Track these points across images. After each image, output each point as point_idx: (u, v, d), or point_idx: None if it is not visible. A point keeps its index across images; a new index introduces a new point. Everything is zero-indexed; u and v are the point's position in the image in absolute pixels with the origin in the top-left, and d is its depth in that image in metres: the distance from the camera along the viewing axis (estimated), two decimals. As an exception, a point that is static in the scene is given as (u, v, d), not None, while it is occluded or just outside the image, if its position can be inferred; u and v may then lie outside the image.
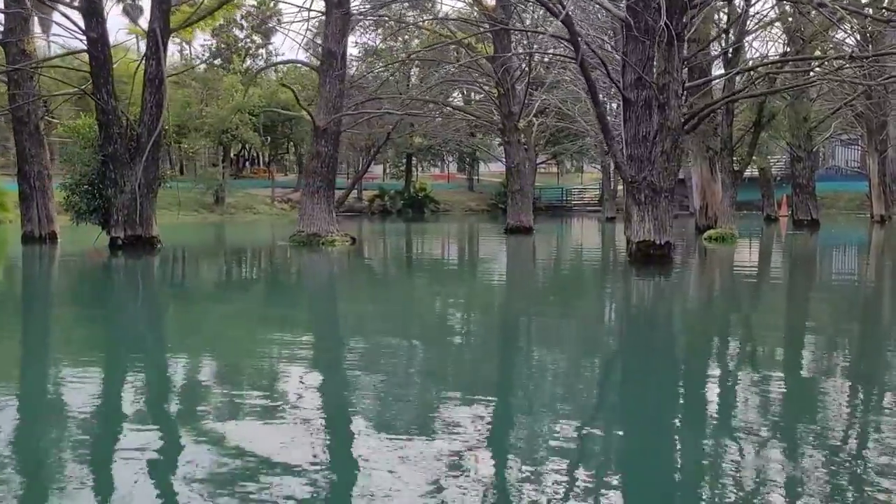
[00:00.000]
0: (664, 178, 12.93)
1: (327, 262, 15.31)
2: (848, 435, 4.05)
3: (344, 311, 9.33)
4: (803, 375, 5.71)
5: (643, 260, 13.09)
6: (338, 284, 12.35)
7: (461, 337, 7.39)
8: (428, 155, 48.58)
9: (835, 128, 32.29)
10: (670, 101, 12.76)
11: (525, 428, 4.13)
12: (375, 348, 6.57)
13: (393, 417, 4.28)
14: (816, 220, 27.27)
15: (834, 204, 48.15)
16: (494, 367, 5.99)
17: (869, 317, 8.90)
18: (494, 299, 10.31)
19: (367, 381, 5.25)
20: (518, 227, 23.40)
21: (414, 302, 9.90)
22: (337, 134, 18.08)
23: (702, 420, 4.43)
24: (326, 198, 17.86)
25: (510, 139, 23.47)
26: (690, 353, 6.88)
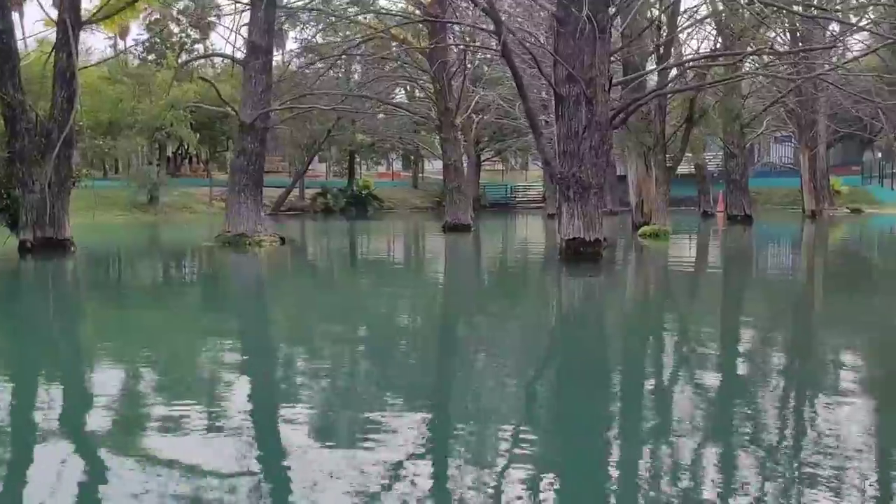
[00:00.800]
0: (593, 174, 12.62)
1: (250, 264, 14.64)
2: (779, 431, 4.07)
3: (253, 315, 8.73)
4: (729, 372, 5.58)
5: (573, 258, 12.77)
6: (255, 287, 11.72)
7: (368, 343, 6.88)
8: (371, 153, 47.82)
9: (767, 125, 32.68)
10: (597, 96, 12.44)
11: (444, 431, 4.00)
12: (275, 355, 6.05)
13: (307, 423, 4.10)
14: (750, 216, 27.49)
15: (769, 199, 49.01)
16: (406, 372, 5.54)
17: (792, 311, 8.69)
18: (412, 301, 9.83)
19: (258, 387, 4.73)
20: (456, 225, 22.96)
21: (327, 306, 9.35)
22: (264, 130, 17.36)
23: (629, 420, 4.36)
24: (253, 196, 17.13)
25: (447, 136, 23.01)
26: (615, 352, 6.61)
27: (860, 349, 6.52)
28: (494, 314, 8.78)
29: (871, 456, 3.61)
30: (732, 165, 27.99)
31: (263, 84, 17.13)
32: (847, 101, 30.68)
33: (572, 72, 12.68)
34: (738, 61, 16.61)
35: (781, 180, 49.12)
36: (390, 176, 56.16)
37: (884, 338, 7.00)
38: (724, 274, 13.51)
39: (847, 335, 7.20)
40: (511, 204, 53.82)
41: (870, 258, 16.85)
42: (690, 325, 8.00)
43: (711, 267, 14.73)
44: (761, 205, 46.18)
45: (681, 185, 46.51)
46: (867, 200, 43.48)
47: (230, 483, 3.24)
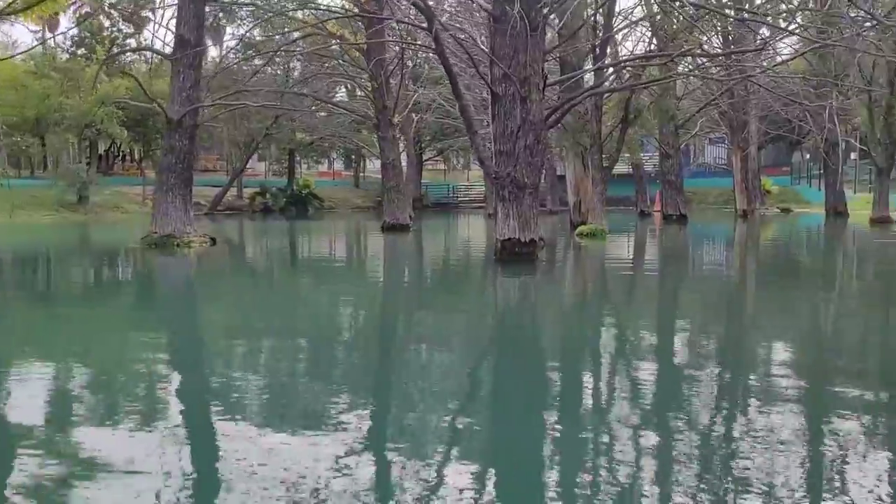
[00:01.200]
0: (528, 173, 12.48)
1: (175, 266, 14.06)
2: (711, 426, 4.08)
3: (170, 320, 8.28)
4: (655, 366, 5.63)
5: (509, 258, 12.61)
6: (178, 291, 11.20)
7: (289, 344, 6.53)
8: (311, 151, 47.03)
9: (701, 126, 33.29)
10: (532, 95, 12.30)
11: (372, 428, 3.95)
12: (188, 361, 5.67)
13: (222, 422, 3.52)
14: (685, 215, 27.93)
15: (704, 199, 50.06)
16: (325, 372, 5.25)
17: (720, 307, 8.68)
18: (337, 303, 9.49)
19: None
20: (395, 225, 22.65)
21: (249, 309, 8.94)
22: (193, 127, 16.73)
23: (552, 414, 4.39)
24: (182, 196, 16.50)
25: (385, 134, 22.67)
26: (541, 350, 6.47)
27: (785, 342, 6.55)
28: (421, 315, 8.53)
29: (796, 453, 3.59)
30: (668, 166, 28.38)
31: (192, 79, 16.52)
32: (776, 103, 31.48)
33: (507, 71, 12.53)
34: (671, 62, 16.74)
35: (715, 180, 50.24)
36: (331, 175, 55.44)
37: (807, 332, 7.06)
38: (656, 272, 13.55)
39: (773, 329, 7.23)
40: (453, 203, 53.72)
41: (796, 256, 17.19)
42: (618, 323, 7.91)
43: (644, 266, 14.77)
44: (696, 204, 47.13)
45: (619, 184, 47.17)
46: (796, 200, 44.79)
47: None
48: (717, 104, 29.89)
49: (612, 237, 19.79)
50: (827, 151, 30.04)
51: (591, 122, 19.19)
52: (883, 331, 7.59)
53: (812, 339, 6.89)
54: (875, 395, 4.71)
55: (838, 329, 7.55)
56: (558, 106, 13.15)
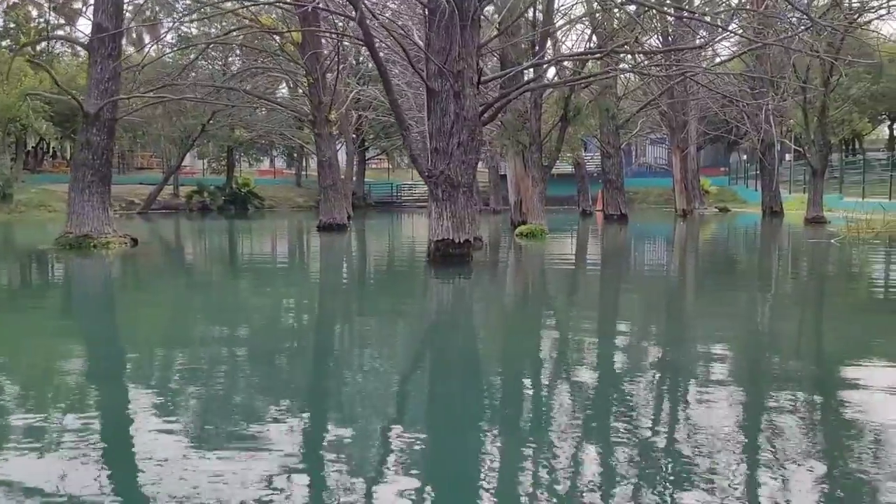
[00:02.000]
0: (462, 171, 11.94)
1: (88, 269, 13.10)
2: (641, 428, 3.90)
3: (76, 327, 7.46)
4: (586, 368, 5.34)
5: (442, 260, 12.05)
6: (87, 296, 10.31)
7: (191, 354, 5.82)
8: (251, 149, 45.69)
9: (641, 126, 33.35)
10: (465, 90, 11.76)
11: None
12: (91, 367, 4.94)
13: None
14: (625, 215, 27.82)
15: (645, 199, 50.51)
16: (226, 381, 4.59)
17: (656, 305, 8.27)
18: (250, 310, 8.78)
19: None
20: (331, 225, 21.90)
21: (159, 314, 8.17)
22: (111, 121, 15.71)
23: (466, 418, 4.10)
24: (100, 194, 15.49)
25: (321, 131, 21.87)
26: (466, 353, 6.03)
27: (723, 343, 6.23)
28: (338, 322, 7.91)
29: (729, 448, 3.51)
30: (609, 165, 28.24)
31: (111, 71, 15.50)
32: (715, 104, 31.74)
33: (440, 65, 11.97)
34: (611, 59, 16.43)
35: (656, 180, 50.76)
36: (273, 174, 54.18)
37: (743, 332, 6.72)
38: (593, 273, 13.17)
39: (710, 330, 6.92)
40: (397, 202, 53.05)
41: (734, 255, 17.07)
42: (548, 326, 7.43)
43: (582, 266, 14.39)
44: (637, 204, 47.48)
45: (562, 184, 47.22)
46: (733, 199, 45.46)
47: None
48: (657, 104, 29.95)
49: (551, 237, 19.42)
50: (763, 152, 30.34)
51: (531, 121, 18.77)
52: (814, 328, 7.28)
53: (749, 340, 6.51)
54: (804, 395, 4.50)
55: (774, 330, 7.19)
56: (493, 101, 12.63)
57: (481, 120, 12.16)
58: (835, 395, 4.55)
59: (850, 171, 36.12)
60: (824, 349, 6.39)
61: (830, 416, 4.13)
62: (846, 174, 35.59)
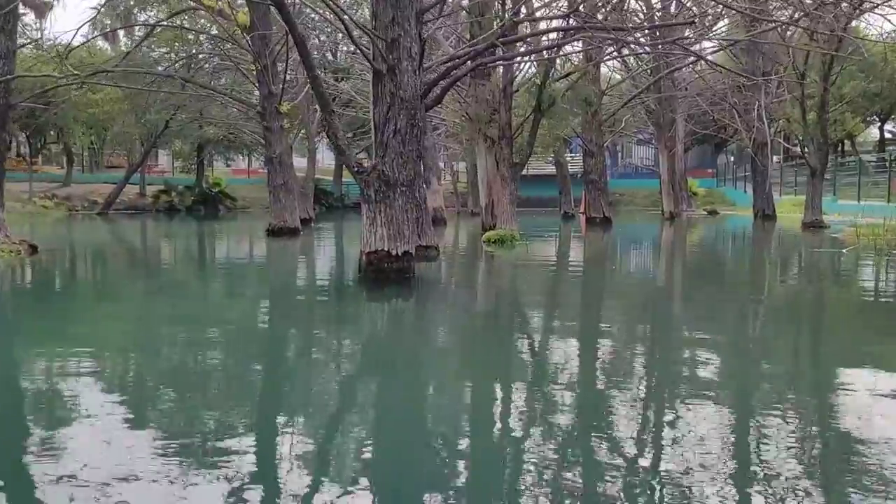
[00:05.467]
0: (399, 166, 9.40)
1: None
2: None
3: None
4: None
5: (375, 277, 9.52)
6: None
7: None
8: (220, 147, 42.96)
9: (627, 123, 30.92)
10: (401, 64, 9.23)
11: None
12: None
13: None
14: (609, 218, 25.35)
15: (631, 201, 48.26)
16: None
17: (634, 361, 5.76)
18: (126, 331, 6.26)
19: None
20: (282, 229, 19.33)
21: (26, 341, 5.63)
22: (4, 108, 13.09)
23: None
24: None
25: (270, 125, 19.29)
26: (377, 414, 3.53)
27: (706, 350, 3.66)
28: (210, 358, 5.36)
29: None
30: (591, 164, 25.75)
31: (3, 48, 12.90)
32: (704, 101, 29.35)
33: (374, 33, 9.43)
34: (591, 38, 13.93)
35: (643, 182, 48.55)
36: (247, 173, 51.53)
37: (736, 346, 4.19)
38: (565, 291, 10.64)
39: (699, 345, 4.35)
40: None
41: (733, 268, 14.60)
42: (497, 373, 4.92)
43: (554, 281, 11.87)
44: (624, 206, 45.16)
45: (544, 185, 44.79)
46: (722, 202, 43.32)
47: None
48: (642, 100, 27.53)
49: (524, 243, 16.92)
50: (755, 151, 27.96)
51: (500, 112, 16.23)
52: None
53: (772, 399, 4.01)
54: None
55: (798, 389, 4.69)
56: (439, 77, 10.05)
57: (424, 102, 9.60)
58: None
59: (841, 173, 33.80)
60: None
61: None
62: (837, 176, 33.27)
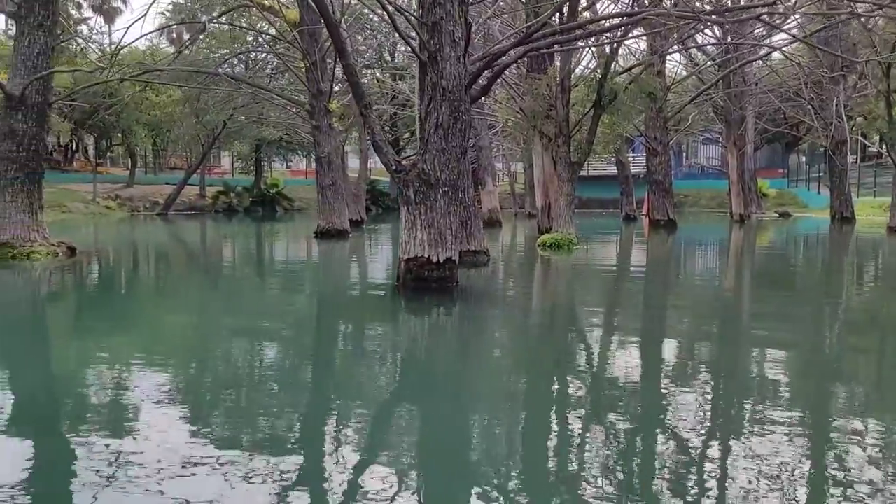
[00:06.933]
0: (441, 164, 8.44)
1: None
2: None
3: None
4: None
5: (415, 285, 8.58)
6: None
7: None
8: (275, 147, 42.74)
9: (693, 120, 29.23)
10: (444, 50, 8.26)
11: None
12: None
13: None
14: (673, 220, 23.84)
15: (696, 202, 46.21)
16: None
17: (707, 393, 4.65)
18: (153, 356, 5.50)
19: None
20: (330, 231, 18.61)
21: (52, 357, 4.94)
22: (42, 105, 12.66)
23: None
24: (27, 193, 12.46)
25: (320, 123, 18.59)
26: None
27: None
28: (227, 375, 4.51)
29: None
30: (655, 164, 24.29)
31: (42, 44, 12.47)
32: (777, 98, 27.52)
33: (415, 16, 8.51)
34: (657, 26, 12.70)
35: (709, 182, 46.38)
36: (304, 174, 51.36)
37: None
38: (626, 303, 9.49)
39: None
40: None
41: (801, 268, 13.13)
42: (549, 407, 3.90)
43: (614, 290, 10.72)
44: (688, 208, 43.17)
45: (605, 186, 43.14)
46: (794, 203, 40.91)
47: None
48: (710, 96, 25.90)
49: (582, 247, 15.75)
50: (833, 150, 25.97)
51: (557, 107, 15.10)
52: None
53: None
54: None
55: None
56: (486, 63, 9.00)
57: (469, 93, 8.61)
58: None
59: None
60: None
61: None
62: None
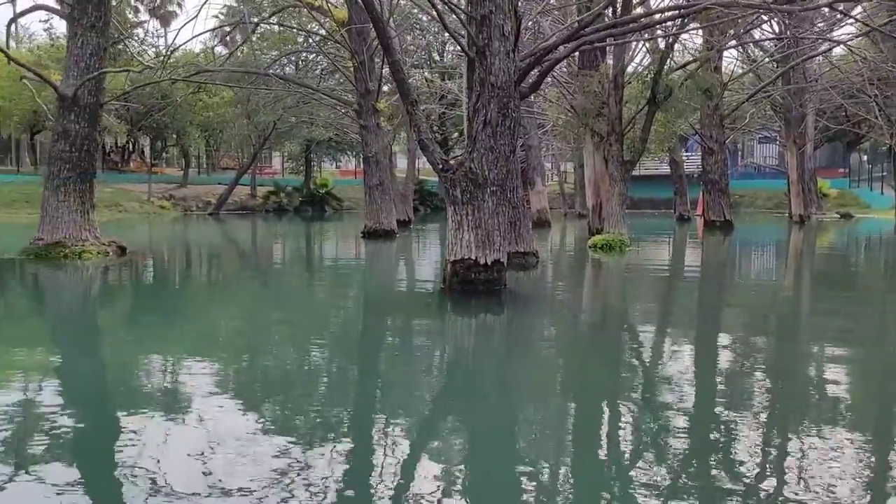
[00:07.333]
0: (489, 163, 8.12)
1: (34, 288, 10.11)
2: None
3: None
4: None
5: (461, 288, 8.29)
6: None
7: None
8: (324, 146, 42.95)
9: (750, 118, 28.22)
10: (492, 44, 7.94)
11: None
12: None
13: None
14: (730, 221, 23.02)
15: (752, 203, 44.86)
16: None
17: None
18: (192, 360, 5.36)
19: None
20: (377, 231, 18.46)
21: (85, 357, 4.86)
22: (94, 105, 12.76)
23: None
24: (79, 193, 12.59)
25: (367, 123, 18.46)
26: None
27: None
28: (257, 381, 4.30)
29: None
30: (711, 163, 23.50)
31: (94, 45, 12.56)
32: (839, 94, 26.37)
33: (464, 10, 8.22)
34: (712, 17, 12.14)
35: (765, 182, 45.00)
36: (354, 174, 51.59)
37: None
38: (682, 309, 9.02)
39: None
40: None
41: (865, 271, 12.39)
42: (602, 429, 3.56)
43: (669, 294, 10.23)
44: (744, 208, 41.89)
45: (658, 186, 42.20)
46: (856, 204, 39.31)
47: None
48: (768, 92, 24.96)
49: (634, 249, 15.25)
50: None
51: (609, 105, 14.62)
52: None
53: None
54: None
55: None
56: (537, 58, 8.63)
57: (518, 89, 8.27)
58: None
59: None
60: None
61: None
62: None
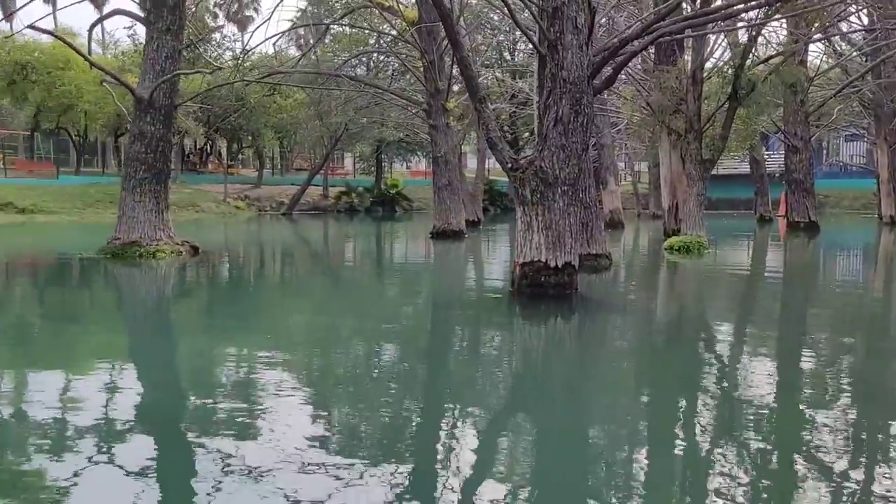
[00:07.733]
0: (560, 161, 7.76)
1: (110, 286, 10.30)
2: None
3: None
4: None
5: (530, 292, 7.95)
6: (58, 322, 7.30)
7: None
8: (394, 147, 43.11)
9: (837, 114, 26.71)
10: (565, 38, 7.57)
11: None
12: None
13: None
14: (815, 223, 21.83)
15: (837, 203, 42.65)
16: None
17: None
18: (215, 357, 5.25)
19: None
20: (445, 231, 18.24)
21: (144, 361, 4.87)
22: (169, 107, 12.97)
23: None
24: (154, 193, 12.81)
25: (437, 123, 18.26)
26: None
27: None
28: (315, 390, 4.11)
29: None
30: (795, 162, 22.35)
31: (169, 48, 12.77)
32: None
33: (539, 6, 7.87)
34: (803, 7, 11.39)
35: (852, 181, 42.70)
36: (424, 174, 51.66)
37: None
38: (765, 319, 8.42)
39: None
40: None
41: None
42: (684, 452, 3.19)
43: (753, 302, 9.62)
44: (829, 209, 39.88)
45: (737, 185, 40.61)
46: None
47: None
48: (857, 87, 23.55)
49: (713, 252, 14.55)
50: None
51: (687, 101, 13.98)
52: None
53: None
54: None
55: None
56: (611, 52, 8.19)
57: (591, 85, 7.87)
58: None
59: None
60: None
61: None
62: None
